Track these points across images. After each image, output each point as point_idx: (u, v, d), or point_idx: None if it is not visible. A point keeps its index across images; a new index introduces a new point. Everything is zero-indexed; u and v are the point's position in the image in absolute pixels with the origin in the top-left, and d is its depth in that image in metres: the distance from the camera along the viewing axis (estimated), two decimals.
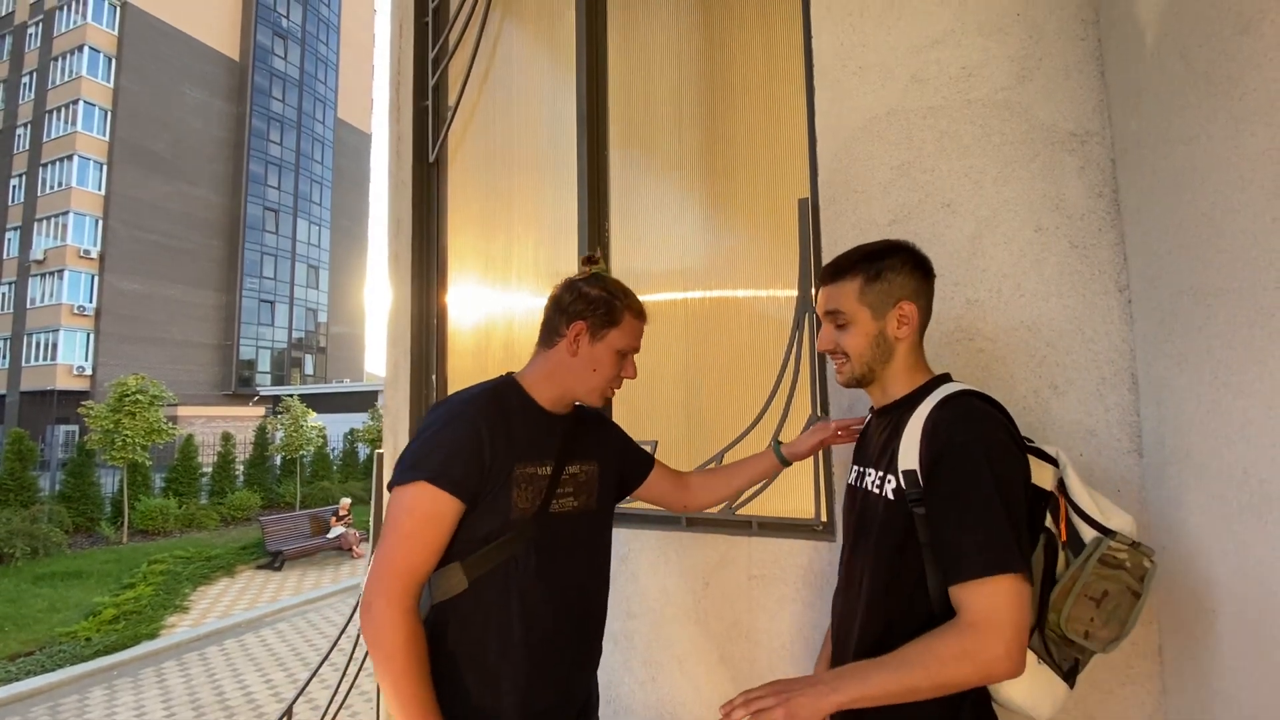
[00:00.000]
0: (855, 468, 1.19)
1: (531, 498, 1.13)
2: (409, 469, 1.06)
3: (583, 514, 1.23)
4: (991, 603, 0.84)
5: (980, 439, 0.93)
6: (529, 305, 2.30)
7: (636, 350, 1.26)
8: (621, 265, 2.10)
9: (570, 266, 2.10)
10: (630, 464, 1.42)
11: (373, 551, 1.06)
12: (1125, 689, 1.27)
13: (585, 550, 1.24)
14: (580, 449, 1.25)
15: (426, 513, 1.04)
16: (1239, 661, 1.00)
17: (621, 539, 1.87)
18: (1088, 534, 0.98)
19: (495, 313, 2.39)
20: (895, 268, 1.07)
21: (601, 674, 1.91)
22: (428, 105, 2.48)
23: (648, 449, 1.93)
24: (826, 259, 1.45)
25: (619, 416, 2.05)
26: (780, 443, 1.43)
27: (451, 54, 2.48)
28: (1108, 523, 0.97)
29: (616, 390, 1.26)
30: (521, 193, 2.38)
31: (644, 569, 1.84)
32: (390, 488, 1.07)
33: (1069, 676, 0.98)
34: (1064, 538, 1.00)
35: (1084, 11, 1.40)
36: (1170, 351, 1.15)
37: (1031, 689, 0.95)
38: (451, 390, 2.35)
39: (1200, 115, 1.01)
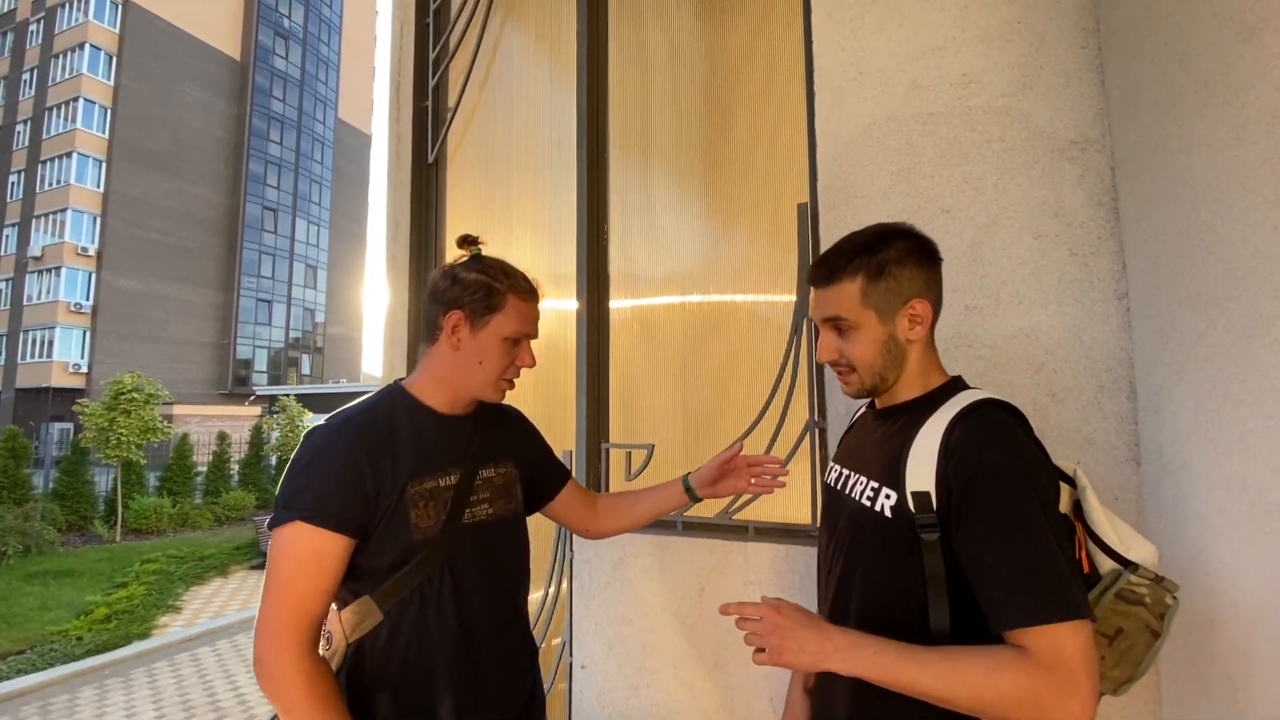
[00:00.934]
0: (837, 468, 1.07)
1: (435, 514, 1.04)
2: (283, 508, 0.96)
3: (501, 521, 1.14)
4: (1065, 649, 0.74)
5: (1019, 459, 0.82)
6: None
7: (530, 335, 1.14)
8: (620, 268, 2.09)
9: (570, 268, 2.10)
10: (545, 473, 1.32)
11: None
12: (1122, 700, 1.26)
13: (505, 556, 1.16)
14: (492, 451, 1.16)
15: (306, 555, 0.95)
16: (1238, 672, 1.00)
17: (617, 543, 1.85)
18: (1105, 565, 0.89)
19: None
20: (899, 260, 0.94)
21: (596, 679, 1.90)
22: (428, 106, 2.48)
23: (643, 453, 1.94)
24: None
25: (616, 419, 2.05)
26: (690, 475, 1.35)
27: (452, 55, 2.48)
28: (1128, 553, 0.88)
29: (514, 380, 1.15)
30: (521, 194, 2.38)
31: (638, 574, 1.83)
32: (269, 529, 0.97)
33: None
34: (1086, 569, 0.91)
35: (1084, 20, 1.40)
36: (1169, 360, 1.15)
37: None
38: None
39: (1201, 124, 1.01)
